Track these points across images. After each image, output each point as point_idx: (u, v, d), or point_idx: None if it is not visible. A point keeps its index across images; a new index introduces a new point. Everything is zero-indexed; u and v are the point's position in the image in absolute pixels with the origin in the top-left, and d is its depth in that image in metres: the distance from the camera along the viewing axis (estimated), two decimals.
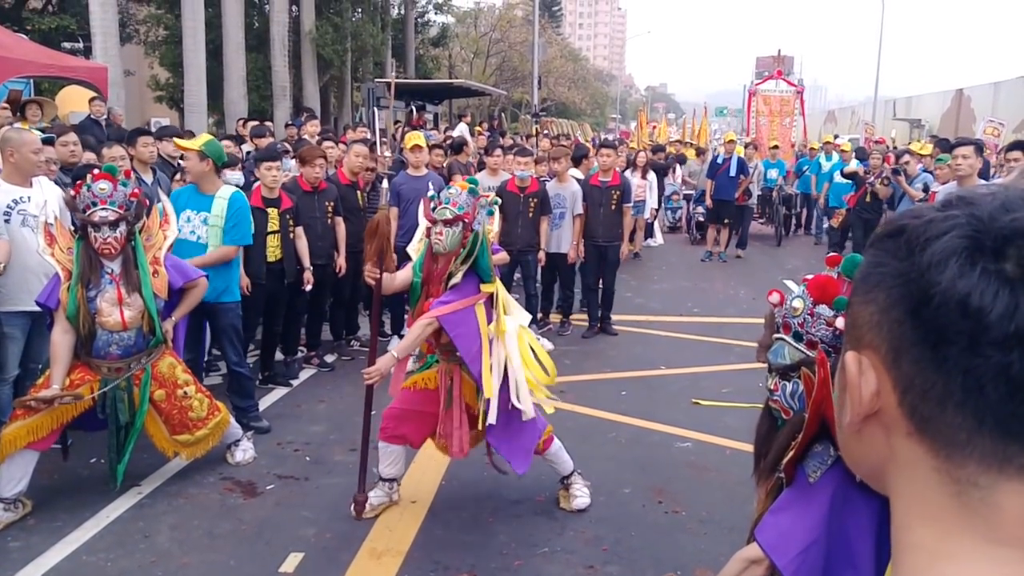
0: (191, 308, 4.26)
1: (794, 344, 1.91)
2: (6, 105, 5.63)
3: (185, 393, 4.07)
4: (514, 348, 3.68)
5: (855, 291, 0.63)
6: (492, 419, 3.58)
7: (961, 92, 27.61)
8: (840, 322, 1.84)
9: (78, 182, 3.88)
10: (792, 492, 1.83)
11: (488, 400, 3.59)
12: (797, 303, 1.90)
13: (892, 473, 0.61)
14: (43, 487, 4.10)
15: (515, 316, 3.74)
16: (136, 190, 3.95)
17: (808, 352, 1.87)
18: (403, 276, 3.82)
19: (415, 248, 3.86)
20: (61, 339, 3.78)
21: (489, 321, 3.66)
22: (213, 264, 4.79)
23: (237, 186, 5.82)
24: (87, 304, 3.76)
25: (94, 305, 3.78)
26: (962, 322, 0.53)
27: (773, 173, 13.14)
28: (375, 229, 3.65)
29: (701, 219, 12.73)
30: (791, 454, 1.85)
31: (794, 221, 14.33)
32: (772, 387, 1.99)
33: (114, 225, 3.77)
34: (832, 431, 1.73)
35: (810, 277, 1.93)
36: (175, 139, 5.57)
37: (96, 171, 3.91)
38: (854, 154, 12.02)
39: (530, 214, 6.86)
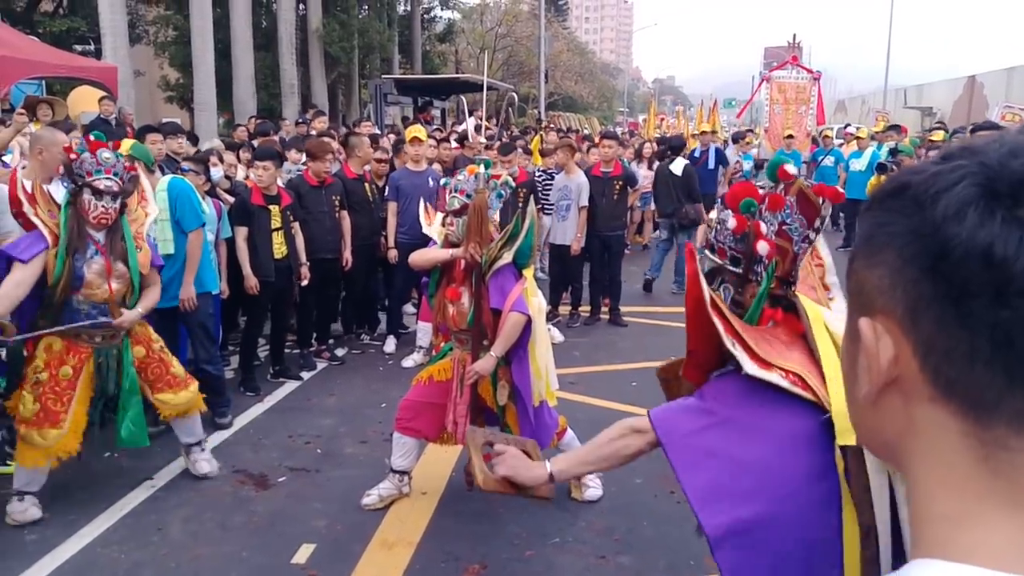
0: (153, 304, 4.02)
1: (709, 255, 1.98)
2: (23, 111, 5.67)
3: (162, 347, 4.03)
4: (541, 327, 3.69)
5: (858, 255, 0.60)
6: (536, 400, 3.63)
7: (973, 79, 27.30)
8: (732, 222, 1.91)
9: (68, 145, 3.80)
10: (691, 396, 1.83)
11: (522, 385, 3.63)
12: (713, 214, 2.01)
13: (910, 444, 0.58)
14: (57, 481, 4.13)
15: (539, 296, 3.75)
16: (130, 164, 3.90)
17: (718, 260, 1.94)
18: (433, 255, 3.81)
19: (437, 232, 3.85)
20: (13, 292, 3.51)
21: None
22: (193, 268, 4.80)
23: (214, 184, 5.82)
24: (72, 274, 3.65)
25: (80, 274, 3.67)
26: (986, 274, 0.51)
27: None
28: (476, 210, 3.58)
29: None
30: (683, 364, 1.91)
31: None
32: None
33: (116, 196, 3.74)
34: (720, 333, 1.72)
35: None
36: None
37: (91, 138, 3.82)
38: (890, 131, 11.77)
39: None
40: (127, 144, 4.83)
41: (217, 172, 5.98)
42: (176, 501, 3.99)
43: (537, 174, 8.20)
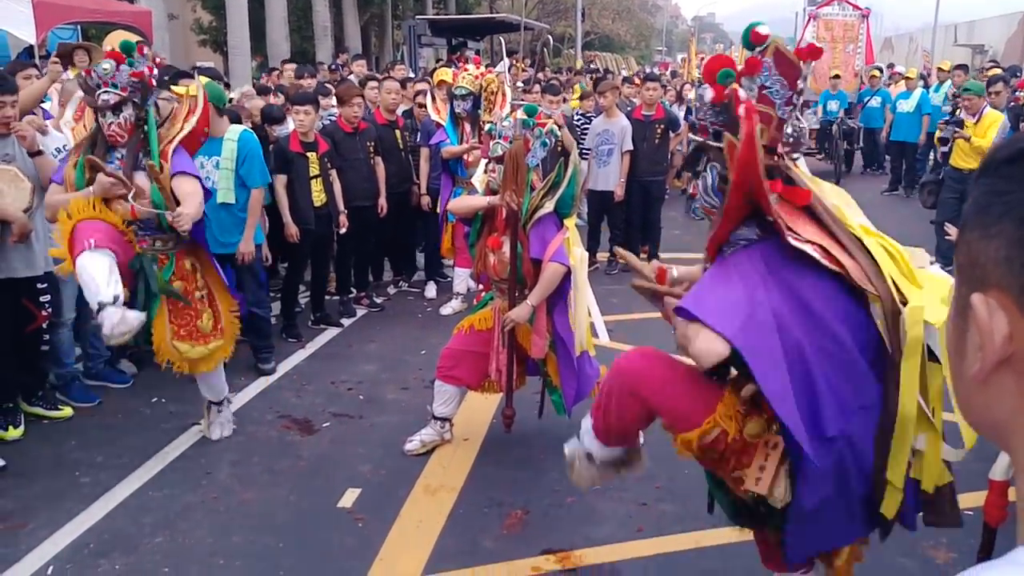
0: (196, 209, 3.65)
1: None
2: (56, 59, 5.65)
3: (201, 297, 3.82)
4: (584, 279, 3.66)
5: (969, 226, 0.56)
6: (577, 350, 3.61)
7: None
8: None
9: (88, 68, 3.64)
10: (712, 271, 2.02)
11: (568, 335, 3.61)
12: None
13: (1022, 426, 0.54)
14: (109, 425, 4.25)
15: (580, 246, 3.70)
16: (141, 69, 3.53)
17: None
18: (472, 202, 3.78)
19: (480, 180, 3.80)
20: (55, 199, 3.52)
21: None
22: (254, 224, 4.85)
23: (278, 139, 5.76)
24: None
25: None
26: None
27: (833, 105, 12.12)
28: (512, 156, 3.52)
29: None
30: (713, 232, 1.99)
31: (861, 158, 13.26)
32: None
33: (116, 109, 3.46)
34: (762, 204, 1.85)
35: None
36: (171, 87, 5.45)
37: (110, 49, 3.65)
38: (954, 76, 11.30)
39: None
40: (201, 82, 4.78)
41: (284, 130, 5.87)
42: (223, 445, 4.08)
43: (576, 118, 8.03)
